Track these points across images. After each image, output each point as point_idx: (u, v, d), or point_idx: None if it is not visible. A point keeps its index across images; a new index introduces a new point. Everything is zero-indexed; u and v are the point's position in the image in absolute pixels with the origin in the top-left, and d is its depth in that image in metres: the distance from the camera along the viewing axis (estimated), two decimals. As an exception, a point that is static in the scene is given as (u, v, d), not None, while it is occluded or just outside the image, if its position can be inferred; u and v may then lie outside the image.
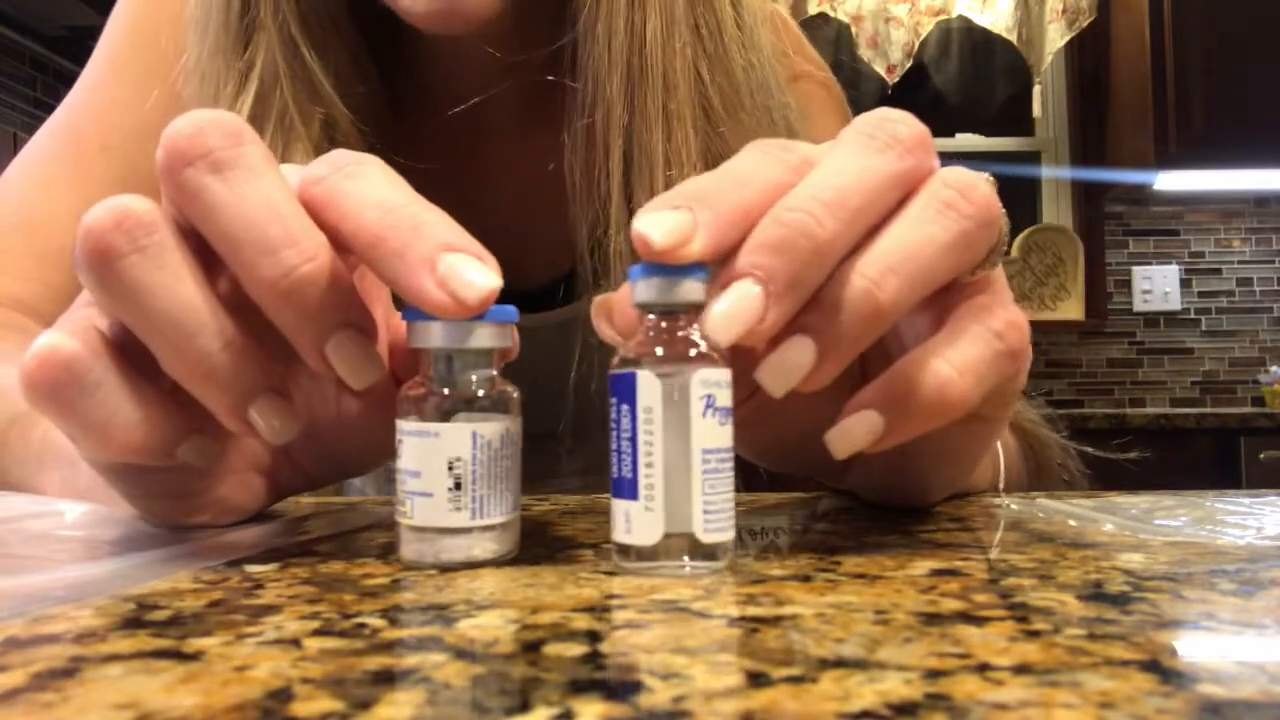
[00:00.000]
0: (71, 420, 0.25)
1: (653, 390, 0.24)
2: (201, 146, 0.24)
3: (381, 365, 0.26)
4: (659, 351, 0.24)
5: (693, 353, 0.24)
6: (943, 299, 0.27)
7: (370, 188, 0.25)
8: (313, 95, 0.45)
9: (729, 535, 0.25)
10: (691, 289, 0.25)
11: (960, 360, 0.25)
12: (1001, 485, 0.46)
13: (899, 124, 0.26)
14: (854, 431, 0.25)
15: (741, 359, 0.25)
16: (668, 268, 0.25)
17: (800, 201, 0.24)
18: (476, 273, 0.24)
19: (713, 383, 0.24)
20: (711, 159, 0.43)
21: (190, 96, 0.47)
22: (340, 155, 0.27)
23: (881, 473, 0.34)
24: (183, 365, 0.25)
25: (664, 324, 0.25)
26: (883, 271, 0.24)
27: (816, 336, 0.24)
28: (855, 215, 0.24)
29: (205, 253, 0.25)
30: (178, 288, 0.24)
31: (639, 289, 0.25)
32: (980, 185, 0.26)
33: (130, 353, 0.26)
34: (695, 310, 0.25)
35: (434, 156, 0.50)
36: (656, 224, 0.23)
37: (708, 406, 0.24)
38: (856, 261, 0.24)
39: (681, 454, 0.24)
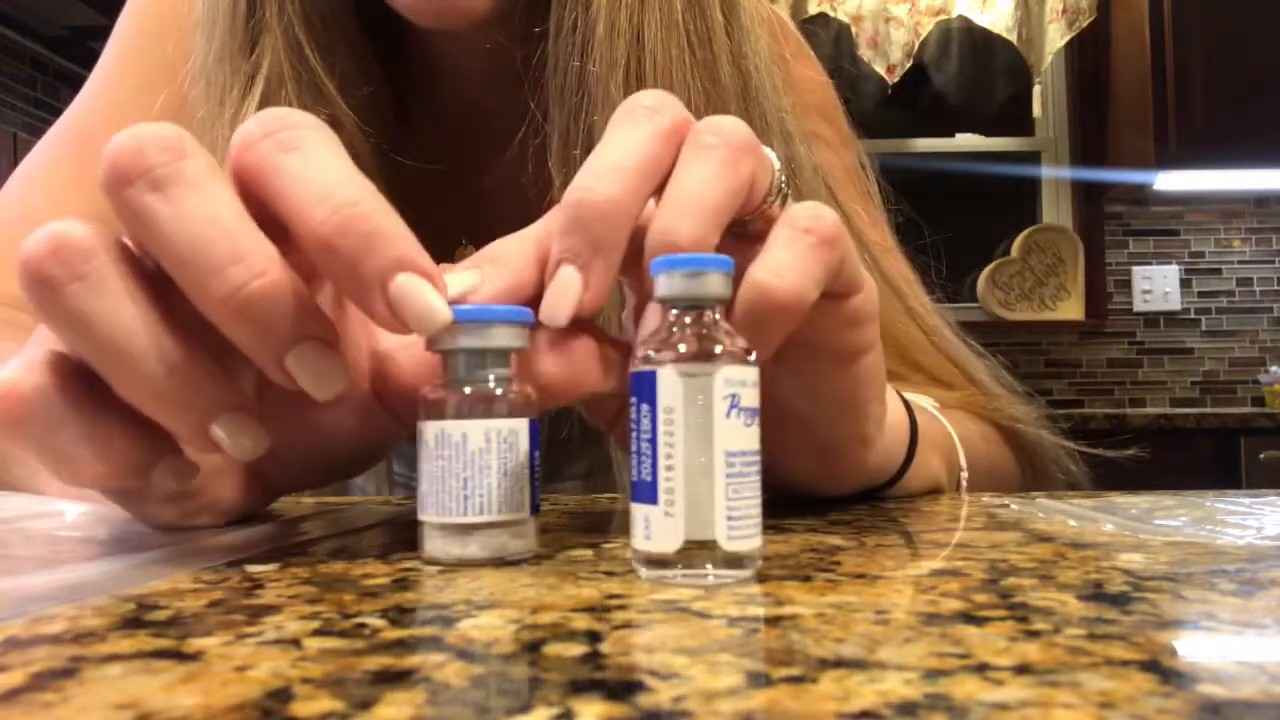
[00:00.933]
0: (37, 452, 0.25)
1: (674, 389, 0.23)
2: (140, 164, 0.24)
3: (346, 374, 0.26)
4: (681, 348, 0.23)
5: (717, 349, 0.23)
6: (752, 250, 0.28)
7: (310, 166, 0.24)
8: (317, 98, 0.45)
9: (756, 543, 0.24)
10: (716, 282, 0.24)
11: (773, 262, 0.27)
12: (964, 476, 0.46)
13: (642, 96, 0.29)
14: None
15: None
16: (691, 260, 0.24)
17: (576, 182, 0.26)
18: (428, 299, 0.24)
19: (738, 381, 0.23)
20: None
21: (196, 100, 0.47)
22: (274, 116, 0.26)
23: (799, 450, 0.35)
24: (133, 390, 0.24)
25: (687, 319, 0.24)
26: (671, 218, 0.26)
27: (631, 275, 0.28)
28: (627, 173, 0.26)
29: (161, 272, 0.25)
30: (119, 314, 0.24)
31: (660, 283, 0.24)
32: (728, 122, 0.28)
33: (95, 379, 0.25)
34: (720, 304, 0.24)
35: (439, 158, 0.50)
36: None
37: (732, 406, 0.23)
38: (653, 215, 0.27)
39: (704, 457, 0.23)
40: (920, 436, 0.41)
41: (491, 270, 0.27)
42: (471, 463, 0.25)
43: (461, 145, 0.53)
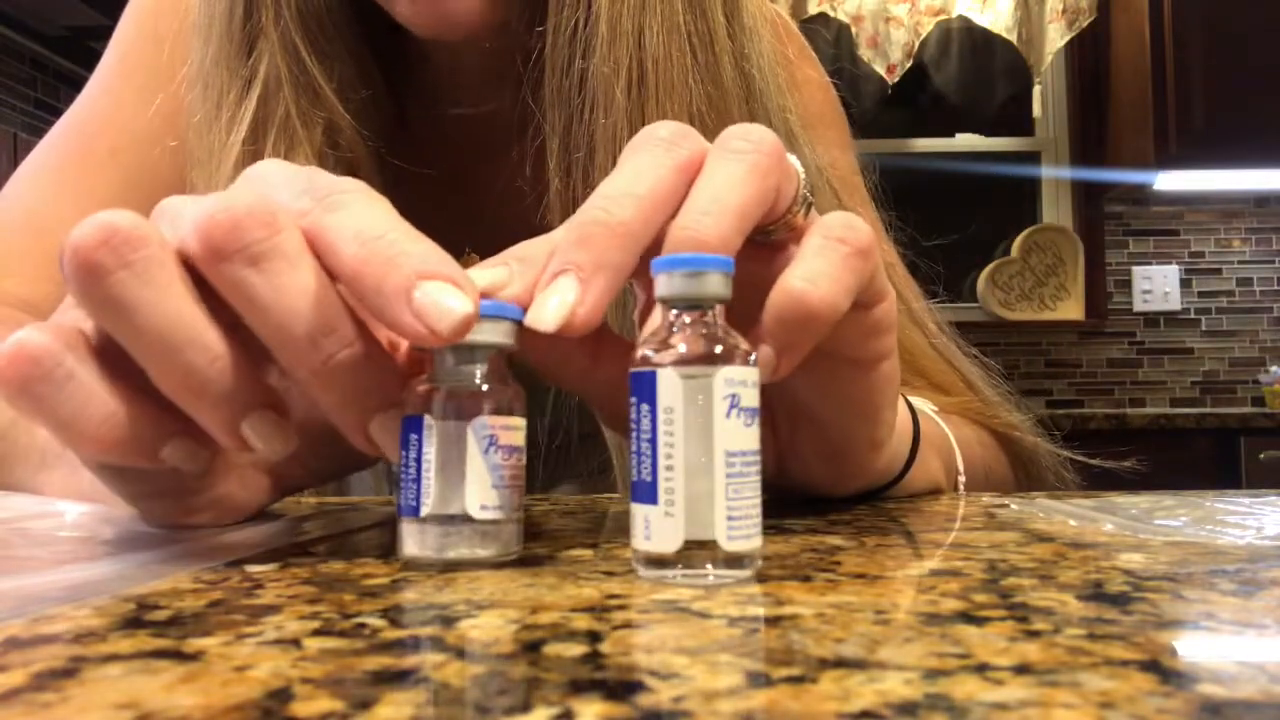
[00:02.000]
0: (43, 415, 0.25)
1: (674, 389, 0.23)
2: (237, 241, 0.24)
3: None
4: (681, 349, 0.23)
5: (717, 349, 0.23)
6: (778, 258, 0.29)
7: (351, 218, 0.25)
8: (314, 101, 0.45)
9: (755, 543, 0.24)
10: (716, 282, 0.24)
11: (808, 271, 0.27)
12: (962, 480, 0.46)
13: (659, 127, 0.28)
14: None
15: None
16: (692, 259, 0.24)
17: (590, 203, 0.26)
18: (452, 299, 0.24)
19: (738, 381, 0.23)
20: None
21: (193, 103, 0.47)
22: (324, 183, 0.27)
23: (810, 452, 0.35)
24: (172, 380, 0.25)
25: (687, 319, 0.24)
26: (695, 216, 0.26)
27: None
28: (641, 200, 0.26)
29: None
30: (165, 304, 0.24)
31: (660, 283, 0.24)
32: (757, 130, 0.28)
33: (113, 354, 0.26)
34: (720, 304, 0.24)
35: (438, 163, 0.50)
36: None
37: (732, 406, 0.23)
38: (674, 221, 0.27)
39: (704, 457, 0.23)
40: (922, 438, 0.41)
41: (520, 268, 0.27)
42: (401, 454, 0.25)
43: (462, 150, 0.53)
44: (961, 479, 0.46)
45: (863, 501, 0.39)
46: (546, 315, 0.25)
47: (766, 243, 0.29)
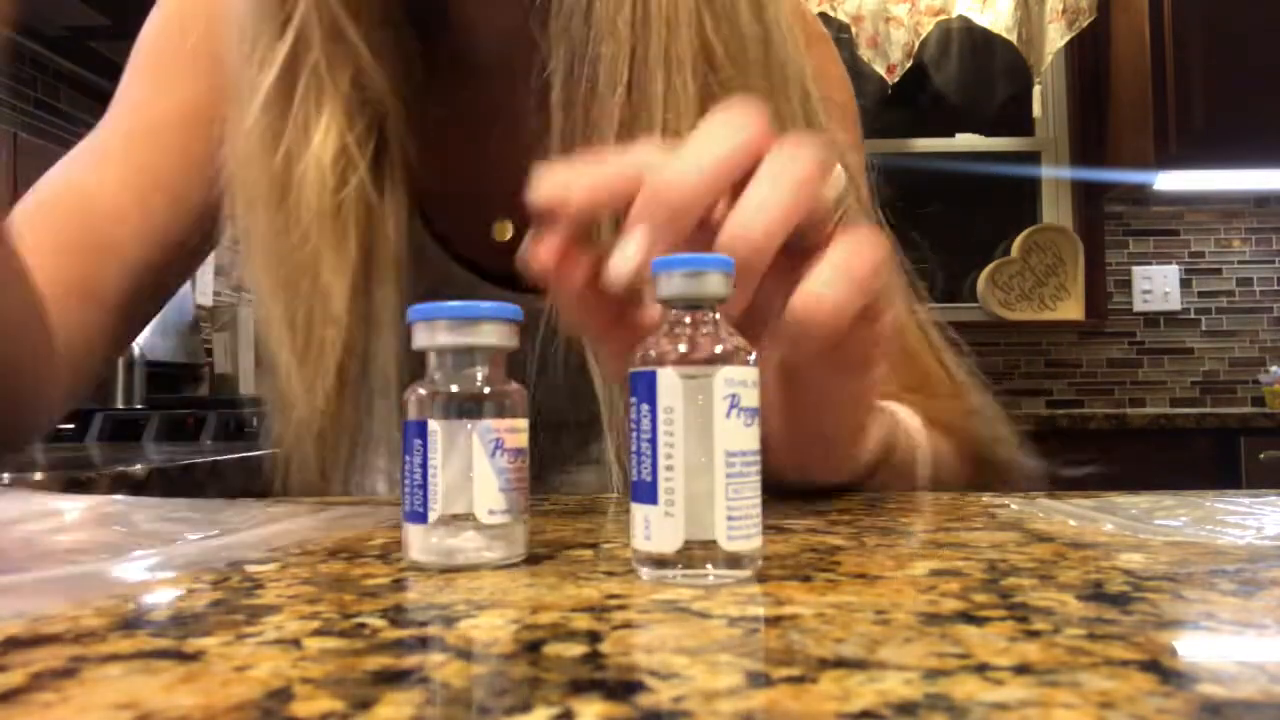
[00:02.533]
0: None
1: (674, 389, 0.23)
2: None
3: None
4: (681, 348, 0.23)
5: (717, 349, 0.23)
6: (803, 264, 0.31)
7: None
8: (345, 50, 0.47)
9: (755, 543, 0.24)
10: (715, 282, 0.24)
11: (816, 285, 0.29)
12: (929, 475, 0.47)
13: (731, 114, 0.31)
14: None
15: None
16: (692, 260, 0.24)
17: (665, 168, 0.29)
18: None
19: (738, 382, 0.23)
20: (710, 104, 0.44)
21: (230, 48, 0.49)
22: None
23: (795, 438, 0.37)
24: None
25: (687, 319, 0.24)
26: (749, 215, 0.29)
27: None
28: (705, 176, 0.29)
29: None
30: None
31: (661, 283, 0.24)
32: (809, 142, 0.30)
33: None
34: (720, 304, 0.24)
35: (463, 117, 0.51)
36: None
37: (732, 406, 0.23)
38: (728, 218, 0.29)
39: (704, 457, 0.23)
40: (894, 443, 0.44)
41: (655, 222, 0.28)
42: (404, 459, 0.26)
43: (478, 108, 0.54)
44: (923, 482, 0.47)
45: (844, 494, 0.39)
46: (618, 277, 0.28)
47: (799, 246, 0.31)
